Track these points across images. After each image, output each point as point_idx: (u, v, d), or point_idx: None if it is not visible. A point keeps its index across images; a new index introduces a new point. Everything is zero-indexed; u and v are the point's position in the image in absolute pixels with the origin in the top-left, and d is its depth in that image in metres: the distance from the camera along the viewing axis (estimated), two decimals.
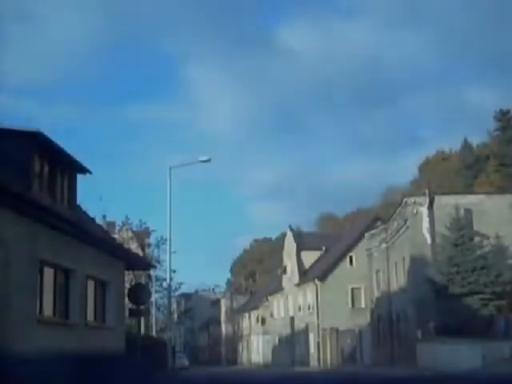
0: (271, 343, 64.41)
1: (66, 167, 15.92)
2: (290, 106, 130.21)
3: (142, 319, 28.17)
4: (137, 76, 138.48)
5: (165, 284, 43.90)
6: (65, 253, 14.83)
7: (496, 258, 30.67)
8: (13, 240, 12.11)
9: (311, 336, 51.29)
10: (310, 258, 56.26)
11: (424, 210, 33.80)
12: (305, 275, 54.82)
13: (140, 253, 38.06)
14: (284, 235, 63.49)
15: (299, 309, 55.33)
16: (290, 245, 58.58)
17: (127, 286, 23.00)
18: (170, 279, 32.86)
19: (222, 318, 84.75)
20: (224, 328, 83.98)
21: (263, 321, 68.50)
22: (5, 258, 11.78)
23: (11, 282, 12.00)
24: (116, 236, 33.14)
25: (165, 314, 48.36)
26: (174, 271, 40.04)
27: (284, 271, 60.37)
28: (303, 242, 56.77)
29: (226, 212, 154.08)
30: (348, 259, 51.05)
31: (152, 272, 42.55)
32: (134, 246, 38.81)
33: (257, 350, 70.64)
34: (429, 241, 33.27)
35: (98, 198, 45.60)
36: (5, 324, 11.64)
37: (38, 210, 12.98)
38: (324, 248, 56.24)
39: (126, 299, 21.35)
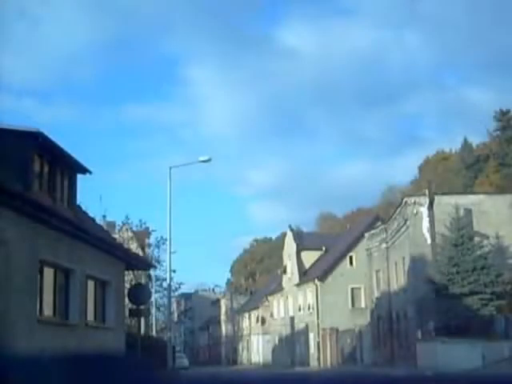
0: (271, 343, 64.38)
1: (65, 167, 15.91)
2: (289, 106, 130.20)
3: (142, 319, 28.12)
4: (137, 76, 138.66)
5: (165, 284, 43.84)
6: (65, 253, 14.83)
7: (496, 258, 30.67)
8: (13, 240, 12.10)
9: (311, 336, 51.27)
10: (310, 257, 56.22)
11: (424, 210, 33.81)
12: (305, 275, 54.79)
13: (140, 253, 38.04)
14: (284, 235, 63.48)
15: (299, 309, 55.29)
16: (289, 245, 58.56)
17: (127, 285, 23.00)
18: (170, 279, 32.82)
19: (222, 317, 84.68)
20: (224, 328, 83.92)
21: (263, 321, 68.46)
22: (5, 258, 11.78)
23: (11, 281, 12.00)
24: (116, 236, 33.09)
25: (165, 314, 48.32)
26: (174, 271, 39.99)
27: (284, 271, 60.35)
28: (303, 241, 56.75)
29: (226, 212, 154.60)
30: (348, 259, 51.07)
31: (152, 272, 42.51)
32: (133, 246, 38.75)
33: (257, 349, 70.59)
34: (429, 241, 33.28)
35: (98, 197, 45.46)
36: (5, 324, 11.64)
37: (38, 210, 12.98)
38: (324, 248, 56.19)
39: (126, 299, 21.34)
